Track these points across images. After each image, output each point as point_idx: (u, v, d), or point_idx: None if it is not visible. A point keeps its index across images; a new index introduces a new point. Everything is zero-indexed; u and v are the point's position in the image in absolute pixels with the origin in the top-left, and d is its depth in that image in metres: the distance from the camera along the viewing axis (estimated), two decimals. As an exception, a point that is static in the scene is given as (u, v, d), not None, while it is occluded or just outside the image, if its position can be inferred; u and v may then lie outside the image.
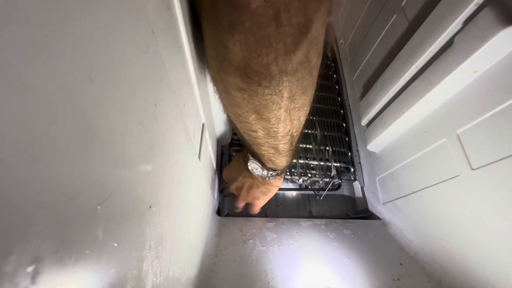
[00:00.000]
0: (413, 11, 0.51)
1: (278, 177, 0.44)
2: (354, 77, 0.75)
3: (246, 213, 0.55)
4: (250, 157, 0.42)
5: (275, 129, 0.32)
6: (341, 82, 0.82)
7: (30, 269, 0.09)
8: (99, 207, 0.13)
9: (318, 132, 0.69)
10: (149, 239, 0.19)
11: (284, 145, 0.35)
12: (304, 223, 0.57)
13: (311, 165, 0.66)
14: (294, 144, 0.37)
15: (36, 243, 0.09)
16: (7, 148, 0.08)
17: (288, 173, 0.63)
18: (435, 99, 0.44)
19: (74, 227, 0.11)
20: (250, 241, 0.50)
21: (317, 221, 0.58)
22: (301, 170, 0.64)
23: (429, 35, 0.44)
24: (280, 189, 0.70)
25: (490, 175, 0.35)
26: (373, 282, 0.45)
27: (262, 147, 0.37)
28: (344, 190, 0.75)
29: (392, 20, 0.57)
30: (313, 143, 0.69)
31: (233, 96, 0.28)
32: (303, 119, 0.33)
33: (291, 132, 0.33)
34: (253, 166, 0.43)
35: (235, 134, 0.65)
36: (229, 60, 0.24)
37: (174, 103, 0.24)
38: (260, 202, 0.51)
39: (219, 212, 0.62)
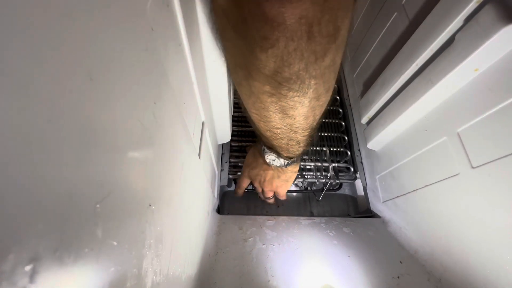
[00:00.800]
0: (414, 9, 0.50)
1: (295, 163, 0.46)
2: (354, 75, 0.75)
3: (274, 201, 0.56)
4: (266, 150, 0.44)
5: (298, 125, 0.33)
6: (341, 81, 0.82)
7: (28, 268, 0.09)
8: (98, 206, 0.13)
9: (316, 132, 0.69)
10: (149, 237, 0.19)
11: (303, 136, 0.37)
12: (304, 221, 0.57)
13: (307, 167, 0.66)
14: (312, 134, 0.38)
15: (35, 242, 0.09)
16: (5, 147, 0.08)
17: None
18: (436, 97, 0.44)
19: (73, 226, 0.11)
20: (250, 239, 0.50)
21: (317, 219, 0.58)
22: (297, 173, 0.64)
23: (429, 32, 0.44)
24: None
25: (491, 173, 0.35)
26: (373, 280, 0.45)
27: (282, 141, 0.38)
28: (346, 190, 0.75)
29: (392, 18, 0.57)
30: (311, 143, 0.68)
31: (260, 99, 0.30)
32: (323, 112, 0.34)
33: (312, 125, 0.35)
34: (271, 158, 0.45)
35: (235, 132, 0.65)
36: (259, 69, 0.25)
37: (173, 101, 0.24)
38: (284, 189, 0.55)
39: (219, 210, 0.62)
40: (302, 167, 0.65)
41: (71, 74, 0.11)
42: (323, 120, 0.74)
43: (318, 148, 0.68)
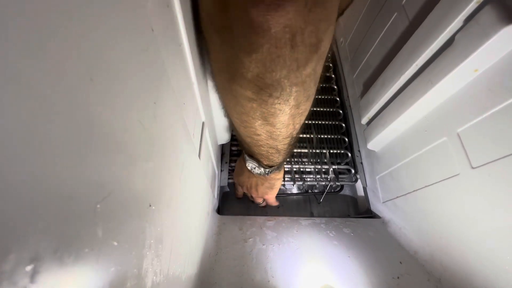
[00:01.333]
0: (414, 9, 0.50)
1: (277, 171, 0.46)
2: (354, 76, 0.75)
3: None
4: (247, 158, 0.44)
5: (278, 133, 0.34)
6: (341, 82, 0.82)
7: (29, 268, 0.09)
8: (98, 206, 0.13)
9: (314, 135, 0.69)
10: (149, 237, 0.19)
11: (284, 145, 0.37)
12: (304, 221, 0.57)
13: (307, 169, 0.66)
14: (292, 143, 0.39)
15: (35, 242, 0.09)
16: (6, 147, 0.08)
17: (283, 179, 0.62)
18: (436, 97, 0.44)
19: (73, 226, 0.11)
20: (250, 239, 0.50)
21: (317, 219, 0.58)
22: (296, 176, 0.63)
23: (429, 33, 0.44)
24: (281, 194, 0.70)
25: (490, 174, 0.35)
26: (373, 280, 0.45)
27: (262, 148, 0.39)
28: (346, 190, 0.74)
29: (392, 19, 0.57)
30: (309, 147, 0.68)
31: (241, 104, 0.30)
32: (303, 121, 0.35)
33: (291, 134, 0.35)
34: (251, 165, 0.45)
35: (234, 137, 0.65)
36: (242, 74, 0.26)
37: (173, 101, 0.24)
38: (270, 196, 0.55)
39: (219, 210, 0.62)
40: (302, 169, 0.65)
41: (71, 74, 0.11)
42: (324, 122, 0.74)
43: (318, 151, 0.68)
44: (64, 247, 0.10)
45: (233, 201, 0.68)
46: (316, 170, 0.66)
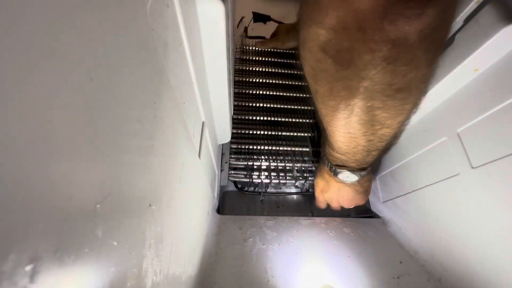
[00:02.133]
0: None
1: (369, 172, 0.45)
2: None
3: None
4: (338, 170, 0.43)
5: (390, 134, 0.32)
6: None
7: (28, 268, 0.09)
8: (98, 206, 0.13)
9: (315, 134, 0.69)
10: (149, 237, 0.19)
11: (385, 143, 0.36)
12: (304, 221, 0.57)
13: (309, 169, 0.66)
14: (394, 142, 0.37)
15: (35, 242, 0.09)
16: (5, 147, 0.08)
17: (284, 178, 0.62)
18: (436, 97, 0.44)
19: (73, 226, 0.11)
20: (250, 239, 0.50)
21: (317, 219, 0.58)
22: (298, 174, 0.63)
23: (430, 33, 0.44)
24: (281, 193, 0.70)
25: (490, 173, 0.35)
26: (372, 280, 0.45)
27: (363, 153, 0.37)
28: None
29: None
30: (310, 146, 0.68)
31: (359, 117, 0.30)
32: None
33: (401, 130, 0.34)
34: (344, 176, 0.43)
35: (234, 135, 0.65)
36: (366, 88, 0.26)
37: (173, 101, 0.24)
38: (364, 201, 0.53)
39: (219, 210, 0.62)
40: (303, 168, 0.65)
41: (71, 74, 0.11)
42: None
43: (319, 149, 0.68)
44: (64, 247, 0.10)
45: (233, 201, 0.68)
46: (317, 167, 0.66)
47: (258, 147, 0.65)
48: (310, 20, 0.25)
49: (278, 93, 0.72)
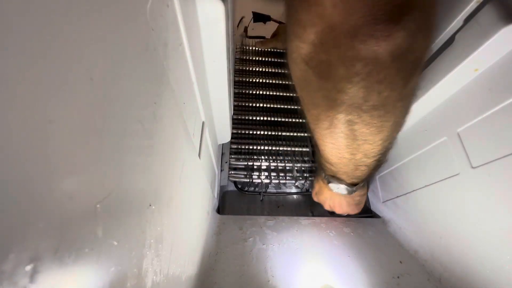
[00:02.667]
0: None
1: (362, 188, 0.45)
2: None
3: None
4: (330, 178, 0.44)
5: (374, 150, 0.33)
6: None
7: (28, 268, 0.09)
8: (98, 206, 0.13)
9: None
10: (149, 237, 0.19)
11: (375, 161, 0.36)
12: (304, 221, 0.57)
13: (309, 168, 0.66)
14: (383, 155, 0.37)
15: (35, 241, 0.09)
16: (5, 147, 0.08)
17: (284, 178, 0.62)
18: (436, 97, 0.44)
19: (73, 226, 0.11)
20: (250, 239, 0.50)
21: (317, 219, 0.58)
22: (298, 174, 0.63)
23: (430, 33, 0.44)
24: (281, 193, 0.70)
25: (491, 173, 0.35)
26: (372, 280, 0.45)
27: (349, 167, 0.37)
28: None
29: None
30: (310, 146, 0.68)
31: (341, 130, 0.30)
32: (399, 131, 0.34)
33: (387, 147, 0.34)
34: (335, 186, 0.44)
35: (234, 135, 0.65)
36: (344, 102, 0.27)
37: (173, 101, 0.24)
38: (357, 211, 0.54)
39: (219, 210, 0.62)
40: (303, 168, 0.65)
41: (71, 74, 0.11)
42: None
43: None
44: (64, 247, 0.10)
45: (233, 201, 0.68)
46: (317, 168, 0.66)
47: (258, 147, 0.65)
48: (292, 34, 0.26)
49: (278, 93, 0.72)
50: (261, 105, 0.70)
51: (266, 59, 0.77)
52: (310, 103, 0.32)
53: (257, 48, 0.78)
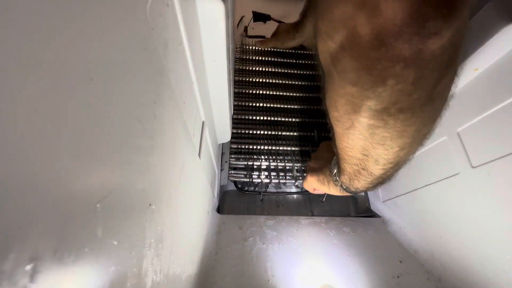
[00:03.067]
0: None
1: (342, 190, 0.44)
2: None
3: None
4: (334, 167, 0.43)
5: (386, 157, 0.31)
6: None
7: (28, 267, 0.09)
8: (98, 205, 0.13)
9: (315, 133, 0.69)
10: (149, 237, 0.19)
11: (382, 170, 0.34)
12: (304, 221, 0.57)
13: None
14: (390, 174, 0.35)
15: (35, 241, 0.09)
16: (6, 146, 0.08)
17: (284, 177, 0.62)
18: (436, 97, 0.44)
19: (73, 225, 0.11)
20: (250, 239, 0.50)
21: (317, 218, 0.58)
22: (298, 174, 0.63)
23: (430, 32, 0.44)
24: (281, 193, 0.70)
25: (490, 173, 0.35)
26: (372, 279, 0.45)
27: (355, 167, 0.36)
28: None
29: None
30: (310, 145, 0.68)
31: (360, 132, 0.29)
32: (420, 145, 0.32)
33: (399, 160, 0.32)
34: (334, 170, 0.43)
35: (234, 134, 0.65)
36: (369, 106, 0.25)
37: (173, 101, 0.24)
38: (316, 190, 0.54)
39: (219, 210, 0.62)
40: (303, 168, 0.65)
41: (71, 74, 0.11)
42: (326, 121, 0.73)
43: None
44: (64, 247, 0.10)
45: (233, 200, 0.68)
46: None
47: (258, 147, 0.65)
48: (324, 34, 0.25)
49: (278, 93, 0.72)
50: (261, 104, 0.70)
51: (266, 59, 0.77)
52: (331, 105, 0.31)
53: (257, 48, 0.78)
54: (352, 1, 0.21)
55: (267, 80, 0.73)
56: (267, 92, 0.72)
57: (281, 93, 0.72)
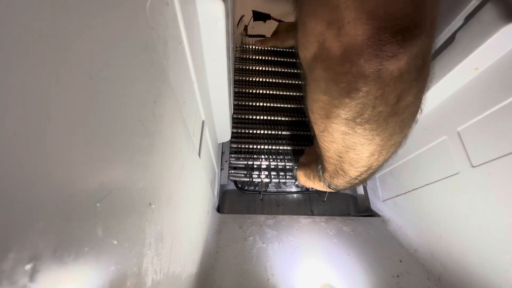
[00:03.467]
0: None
1: (325, 186, 0.46)
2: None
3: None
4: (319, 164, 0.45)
5: (358, 160, 0.34)
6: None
7: (28, 267, 0.09)
8: (98, 205, 0.13)
9: (314, 133, 0.69)
10: (149, 236, 0.19)
11: (357, 172, 0.36)
12: (304, 220, 0.57)
13: None
14: (364, 178, 0.37)
15: (35, 241, 0.09)
16: (6, 146, 0.08)
17: (284, 177, 0.62)
18: (436, 96, 0.44)
19: (73, 225, 0.11)
20: (250, 238, 0.50)
21: (317, 218, 0.58)
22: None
23: (430, 31, 0.44)
24: (281, 192, 0.70)
25: (491, 172, 0.35)
26: (372, 279, 0.45)
27: (332, 166, 0.38)
28: (346, 189, 0.74)
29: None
30: (310, 144, 0.68)
31: (332, 135, 0.32)
32: (391, 153, 0.34)
33: (371, 164, 0.34)
34: (320, 166, 0.45)
35: (234, 134, 0.65)
36: (339, 114, 0.28)
37: (173, 100, 0.24)
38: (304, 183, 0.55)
39: (219, 209, 0.62)
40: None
41: (71, 73, 0.11)
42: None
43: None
44: (63, 246, 0.10)
45: (233, 200, 0.68)
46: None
47: (258, 146, 0.65)
48: (301, 45, 0.28)
49: (278, 92, 0.72)
50: (261, 104, 0.70)
51: (266, 58, 0.77)
52: (309, 108, 0.33)
53: (257, 47, 0.78)
54: (321, 19, 0.23)
55: (267, 80, 0.73)
56: (267, 92, 0.72)
57: (281, 93, 0.72)
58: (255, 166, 0.63)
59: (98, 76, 0.12)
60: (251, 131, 0.67)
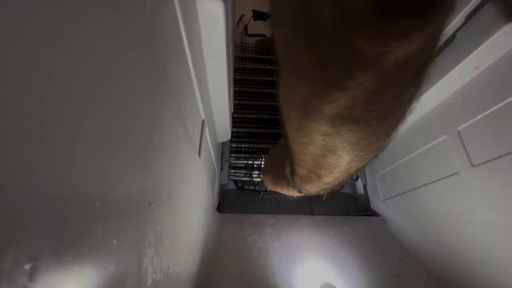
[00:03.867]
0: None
1: (295, 191, 0.42)
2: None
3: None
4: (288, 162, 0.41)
5: (336, 164, 0.30)
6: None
7: (27, 266, 0.09)
8: (98, 204, 0.13)
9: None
10: (149, 236, 0.19)
11: (332, 178, 0.32)
12: (304, 219, 0.57)
13: None
14: (342, 180, 0.34)
15: (34, 240, 0.09)
16: (6, 146, 0.08)
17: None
18: (436, 95, 0.44)
19: (73, 224, 0.11)
20: (250, 237, 0.50)
21: (317, 217, 0.58)
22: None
23: (430, 31, 0.44)
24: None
25: (491, 171, 0.35)
26: (372, 278, 0.45)
27: (305, 170, 0.35)
28: (346, 188, 0.74)
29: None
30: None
31: (310, 137, 0.26)
32: (371, 158, 0.30)
33: (349, 170, 0.31)
34: (288, 170, 0.42)
35: (234, 134, 0.64)
36: (321, 111, 0.22)
37: (173, 99, 0.24)
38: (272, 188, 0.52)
39: (219, 208, 0.62)
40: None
41: (71, 73, 0.11)
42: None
43: None
44: (63, 246, 0.10)
45: (233, 199, 0.68)
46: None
47: (259, 146, 0.65)
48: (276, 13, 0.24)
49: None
50: (262, 103, 0.70)
51: (266, 57, 0.77)
52: (280, 102, 0.28)
53: (257, 47, 0.78)
54: None
55: (268, 79, 0.73)
56: (268, 91, 0.72)
57: (281, 92, 0.72)
58: (255, 166, 0.63)
59: (98, 76, 0.12)
60: (251, 131, 0.67)
